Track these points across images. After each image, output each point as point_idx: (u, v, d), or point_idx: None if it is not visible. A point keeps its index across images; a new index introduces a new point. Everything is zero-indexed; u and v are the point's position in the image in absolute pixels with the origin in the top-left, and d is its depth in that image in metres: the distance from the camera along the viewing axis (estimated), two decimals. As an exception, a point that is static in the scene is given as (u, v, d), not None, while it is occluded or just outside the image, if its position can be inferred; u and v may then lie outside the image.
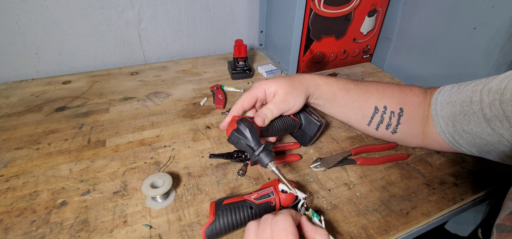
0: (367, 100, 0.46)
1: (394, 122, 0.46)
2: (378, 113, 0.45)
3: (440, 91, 0.46)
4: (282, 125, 0.47)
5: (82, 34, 0.79)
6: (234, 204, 0.37)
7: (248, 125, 0.41)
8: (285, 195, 0.39)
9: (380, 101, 0.46)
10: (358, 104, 0.46)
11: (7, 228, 0.38)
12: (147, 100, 0.68)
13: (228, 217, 0.36)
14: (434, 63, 0.74)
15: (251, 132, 0.40)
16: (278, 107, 0.44)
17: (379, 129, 0.47)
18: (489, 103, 0.38)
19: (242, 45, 0.77)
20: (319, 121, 0.50)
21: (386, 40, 0.88)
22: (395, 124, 0.46)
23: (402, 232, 0.40)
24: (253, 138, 0.40)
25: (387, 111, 0.45)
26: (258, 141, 0.40)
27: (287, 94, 0.44)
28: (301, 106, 0.46)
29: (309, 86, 0.45)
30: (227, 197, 0.39)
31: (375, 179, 0.48)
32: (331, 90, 0.46)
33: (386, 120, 0.46)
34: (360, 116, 0.47)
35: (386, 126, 0.46)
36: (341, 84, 0.47)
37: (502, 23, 0.57)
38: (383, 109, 0.45)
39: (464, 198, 0.46)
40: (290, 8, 0.73)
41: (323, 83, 0.46)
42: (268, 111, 0.43)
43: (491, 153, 0.41)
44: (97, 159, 0.50)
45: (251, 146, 0.40)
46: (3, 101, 0.66)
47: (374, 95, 0.46)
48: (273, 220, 0.29)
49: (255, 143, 0.40)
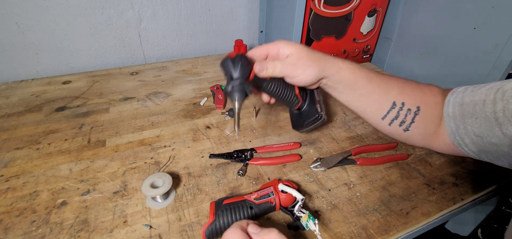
0: (387, 93, 0.44)
1: (408, 120, 0.44)
2: (395, 109, 0.44)
3: (453, 93, 0.44)
4: (280, 90, 0.44)
5: (82, 34, 0.79)
6: (234, 204, 0.37)
7: (243, 60, 0.38)
8: (285, 195, 0.39)
9: (399, 97, 0.44)
10: (377, 96, 0.45)
11: (7, 228, 0.38)
12: (147, 100, 0.68)
13: (228, 217, 0.36)
14: (434, 63, 0.74)
15: (241, 65, 0.38)
16: (283, 68, 0.41)
17: (392, 124, 0.45)
18: (503, 107, 0.37)
19: (242, 45, 0.77)
20: (319, 113, 0.46)
21: (386, 40, 0.88)
22: (409, 122, 0.44)
23: (402, 232, 0.40)
24: (238, 70, 0.38)
25: (404, 108, 0.44)
26: (242, 76, 0.38)
27: (299, 60, 0.41)
28: (309, 81, 0.43)
29: (327, 66, 0.42)
30: (227, 197, 0.39)
31: (375, 179, 0.48)
32: (353, 76, 0.44)
33: (401, 116, 0.44)
34: (376, 108, 0.45)
35: (400, 122, 0.45)
36: (364, 73, 0.44)
37: (502, 23, 0.57)
38: (401, 105, 0.44)
39: (464, 198, 0.46)
40: (290, 8, 0.73)
41: (346, 68, 0.44)
42: (270, 65, 0.41)
43: (501, 158, 0.40)
44: (97, 159, 0.50)
45: (231, 74, 0.38)
46: (3, 101, 0.66)
47: (394, 89, 0.44)
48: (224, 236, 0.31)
49: (238, 76, 0.38)
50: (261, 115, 0.64)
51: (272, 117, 0.64)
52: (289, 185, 0.41)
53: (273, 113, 0.65)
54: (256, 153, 0.52)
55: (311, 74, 0.42)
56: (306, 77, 0.42)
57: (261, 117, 0.63)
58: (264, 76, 0.41)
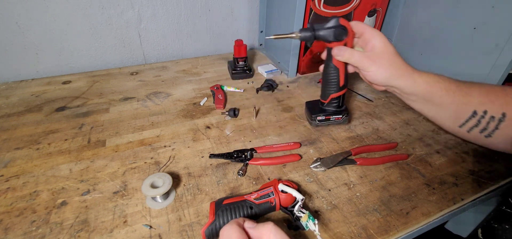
0: (467, 103, 0.43)
1: (491, 127, 0.42)
2: (476, 117, 0.42)
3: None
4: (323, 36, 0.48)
5: (82, 34, 0.79)
6: (234, 204, 0.37)
7: (337, 29, 0.47)
8: (285, 195, 0.39)
9: (481, 106, 0.42)
10: (455, 106, 0.43)
11: (7, 228, 0.38)
12: (147, 100, 0.68)
13: (228, 217, 0.36)
14: (434, 63, 0.74)
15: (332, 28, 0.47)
16: (360, 59, 0.44)
17: (472, 131, 0.44)
18: None
19: (242, 45, 0.77)
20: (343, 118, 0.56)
21: (386, 40, 0.88)
22: (492, 129, 0.42)
23: (402, 232, 0.40)
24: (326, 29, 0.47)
25: (487, 116, 0.42)
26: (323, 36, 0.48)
27: (378, 57, 0.43)
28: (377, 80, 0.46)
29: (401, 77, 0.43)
30: (227, 197, 0.39)
31: (375, 179, 0.48)
32: (430, 88, 0.43)
33: (483, 124, 0.42)
34: (453, 117, 0.44)
35: (481, 129, 0.43)
36: (442, 84, 0.43)
37: (502, 23, 0.57)
38: (482, 113, 0.42)
39: (464, 198, 0.46)
40: (290, 8, 0.73)
41: (422, 81, 0.44)
42: (348, 52, 0.45)
43: None
44: (97, 159, 0.50)
45: (315, 26, 0.48)
46: (3, 101, 0.66)
47: (475, 98, 0.43)
48: (221, 233, 0.31)
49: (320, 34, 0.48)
50: (261, 115, 0.64)
51: (272, 117, 0.64)
52: (289, 185, 0.41)
53: (273, 113, 0.65)
54: (256, 153, 0.52)
55: (381, 75, 0.43)
56: (376, 76, 0.44)
57: (261, 117, 0.63)
58: (339, 60, 0.45)
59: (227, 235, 0.29)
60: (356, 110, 0.68)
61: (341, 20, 0.47)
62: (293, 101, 0.70)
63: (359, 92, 0.75)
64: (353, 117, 0.65)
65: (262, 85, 0.75)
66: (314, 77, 0.83)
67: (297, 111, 0.66)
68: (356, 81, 0.81)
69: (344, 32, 0.47)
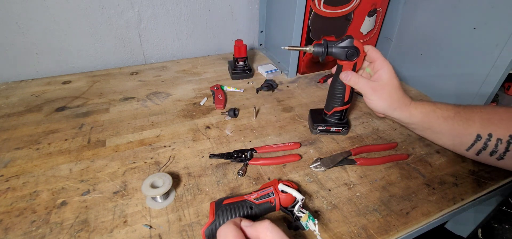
0: (468, 128, 0.43)
1: (501, 149, 0.42)
2: (481, 141, 0.43)
3: None
4: (336, 54, 0.50)
5: (82, 34, 0.79)
6: (234, 204, 0.37)
7: (350, 49, 0.49)
8: (285, 195, 0.39)
9: (484, 129, 0.42)
10: (456, 132, 0.43)
11: (7, 228, 0.38)
12: (147, 100, 0.68)
13: (228, 216, 0.36)
14: (434, 63, 0.74)
15: (345, 49, 0.48)
16: (364, 86, 0.47)
17: (481, 155, 0.44)
18: None
19: (242, 45, 0.77)
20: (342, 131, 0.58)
21: (386, 40, 0.88)
22: (502, 151, 0.42)
23: (402, 232, 0.40)
24: (338, 47, 0.49)
25: (493, 138, 0.42)
26: (336, 52, 0.49)
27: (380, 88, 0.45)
28: (376, 109, 0.49)
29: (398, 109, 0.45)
30: (227, 197, 0.39)
31: (375, 179, 0.48)
32: (427, 119, 0.44)
33: (490, 147, 0.42)
34: (457, 142, 0.44)
35: (490, 152, 0.43)
36: (440, 113, 0.44)
37: (502, 23, 0.57)
38: (487, 137, 0.42)
39: (464, 198, 0.46)
40: (290, 8, 0.73)
41: (418, 113, 0.45)
42: (354, 78, 0.47)
43: None
44: (97, 159, 0.50)
45: (331, 44, 0.50)
46: (3, 101, 0.66)
47: (476, 123, 0.43)
48: (218, 233, 0.31)
49: (333, 50, 0.49)
50: (261, 116, 0.64)
51: (272, 117, 0.64)
52: (289, 185, 0.40)
53: (273, 113, 0.65)
54: (256, 153, 0.52)
55: (380, 106, 0.46)
56: (375, 105, 0.47)
57: (261, 117, 0.63)
58: (345, 83, 0.48)
59: (224, 235, 0.29)
60: (356, 110, 0.68)
61: (355, 42, 0.48)
62: (293, 101, 0.70)
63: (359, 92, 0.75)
64: (353, 117, 0.65)
65: (262, 85, 0.75)
66: (314, 77, 0.83)
67: (297, 112, 0.66)
68: (356, 81, 0.81)
69: (356, 54, 0.49)
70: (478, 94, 0.64)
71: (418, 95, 0.75)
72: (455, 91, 0.70)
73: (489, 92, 0.62)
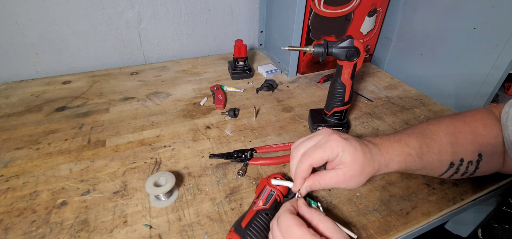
0: (441, 159, 0.42)
1: (471, 169, 0.43)
2: (453, 167, 0.42)
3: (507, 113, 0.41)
4: (336, 54, 0.50)
5: (82, 34, 0.79)
6: (254, 221, 0.36)
7: (337, 45, 0.49)
8: (280, 187, 0.41)
9: (455, 156, 0.42)
10: (431, 165, 0.43)
11: (7, 228, 0.38)
12: (147, 100, 0.68)
13: (258, 235, 0.35)
14: (434, 63, 0.74)
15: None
16: (338, 185, 0.40)
17: (454, 176, 0.44)
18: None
19: (242, 45, 0.77)
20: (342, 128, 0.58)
21: (386, 40, 0.88)
22: (472, 170, 0.43)
23: (402, 232, 0.40)
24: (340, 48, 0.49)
25: (464, 163, 0.42)
26: (338, 53, 0.50)
27: (351, 178, 0.39)
28: (356, 187, 0.43)
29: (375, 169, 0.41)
30: (240, 219, 0.37)
31: (375, 179, 0.48)
32: (404, 164, 0.42)
33: (462, 170, 0.43)
34: (433, 172, 0.44)
35: (462, 174, 0.43)
36: (414, 154, 0.42)
37: (502, 23, 0.57)
38: (459, 162, 0.42)
39: (464, 198, 0.46)
40: (290, 8, 0.73)
41: (396, 162, 0.42)
42: (324, 185, 0.39)
43: None
44: (97, 159, 0.50)
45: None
46: (3, 101, 0.66)
47: (448, 151, 0.42)
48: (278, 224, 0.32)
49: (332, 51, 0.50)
50: (261, 116, 0.64)
51: (272, 117, 0.64)
52: (277, 176, 0.43)
53: (273, 113, 0.65)
54: (256, 153, 0.52)
55: (358, 185, 0.41)
56: (354, 187, 0.41)
57: (261, 117, 0.63)
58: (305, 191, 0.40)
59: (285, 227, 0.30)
60: (356, 110, 0.68)
61: (355, 42, 0.48)
62: (293, 101, 0.70)
63: (359, 92, 0.75)
64: (353, 117, 0.65)
65: (262, 85, 0.75)
66: (314, 77, 0.83)
67: (297, 112, 0.66)
68: (357, 81, 0.81)
69: (356, 54, 0.49)
70: (478, 94, 0.64)
71: (418, 95, 0.75)
72: (455, 91, 0.70)
73: (489, 92, 0.62)
